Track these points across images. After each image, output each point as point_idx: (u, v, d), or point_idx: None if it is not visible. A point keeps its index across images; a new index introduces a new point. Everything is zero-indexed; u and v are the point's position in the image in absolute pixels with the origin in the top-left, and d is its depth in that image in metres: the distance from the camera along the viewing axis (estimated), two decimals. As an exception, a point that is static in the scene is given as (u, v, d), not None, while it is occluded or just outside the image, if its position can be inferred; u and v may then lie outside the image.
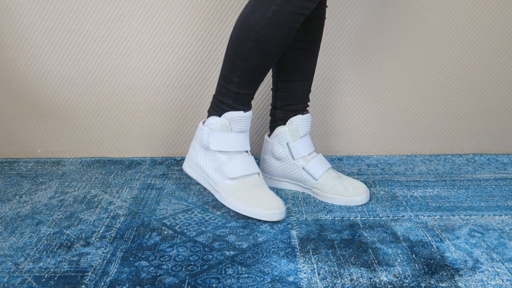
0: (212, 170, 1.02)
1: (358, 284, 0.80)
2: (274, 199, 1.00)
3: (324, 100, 1.34)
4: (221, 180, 1.01)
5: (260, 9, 0.92)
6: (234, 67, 0.97)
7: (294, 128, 1.10)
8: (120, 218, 1.02)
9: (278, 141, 1.12)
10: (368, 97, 1.34)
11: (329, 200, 1.08)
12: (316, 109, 1.34)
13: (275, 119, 1.14)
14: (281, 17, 0.91)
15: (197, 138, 1.05)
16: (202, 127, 1.03)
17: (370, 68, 1.31)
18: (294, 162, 1.11)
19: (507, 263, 0.86)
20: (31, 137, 1.36)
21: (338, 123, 1.36)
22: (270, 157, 1.14)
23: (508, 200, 1.10)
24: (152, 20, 1.26)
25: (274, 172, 1.15)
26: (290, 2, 0.90)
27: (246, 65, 0.96)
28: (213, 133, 1.01)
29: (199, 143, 1.04)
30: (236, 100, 1.00)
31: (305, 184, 1.12)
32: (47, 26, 1.26)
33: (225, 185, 1.01)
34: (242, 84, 0.99)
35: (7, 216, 1.03)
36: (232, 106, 1.00)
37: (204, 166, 1.03)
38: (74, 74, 1.30)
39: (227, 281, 0.81)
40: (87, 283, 0.80)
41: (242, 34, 0.95)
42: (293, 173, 1.12)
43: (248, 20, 0.94)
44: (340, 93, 1.33)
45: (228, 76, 0.99)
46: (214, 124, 1.01)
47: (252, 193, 1.00)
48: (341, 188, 1.08)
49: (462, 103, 1.36)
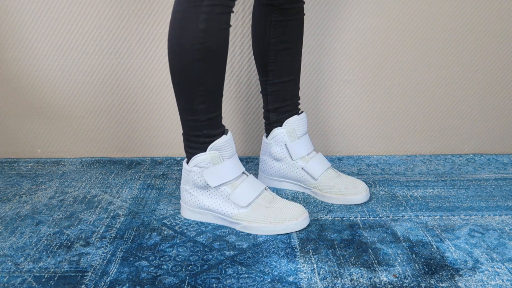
0: (222, 206, 0.98)
1: (358, 284, 0.80)
2: (295, 208, 0.98)
3: (324, 100, 1.34)
4: (236, 211, 0.97)
5: (189, 24, 0.87)
6: (193, 96, 0.92)
7: (292, 129, 1.10)
8: (120, 218, 1.02)
9: (276, 142, 1.11)
10: (368, 97, 1.34)
11: (329, 200, 1.08)
12: (316, 109, 1.34)
13: (270, 121, 1.12)
14: (213, 23, 0.87)
15: (188, 182, 0.99)
16: (191, 169, 0.97)
17: (370, 68, 1.31)
18: (293, 163, 1.11)
19: (507, 263, 0.86)
20: (31, 137, 1.36)
21: (338, 123, 1.36)
22: (269, 158, 1.14)
23: (508, 200, 1.10)
24: (152, 20, 1.26)
25: (274, 172, 1.14)
26: (215, 5, 0.86)
27: (206, 87, 0.91)
28: (207, 170, 0.96)
29: (192, 186, 0.99)
30: (210, 127, 0.95)
31: (305, 184, 1.12)
32: (47, 26, 1.26)
33: (242, 215, 0.97)
34: (210, 108, 0.93)
35: (7, 216, 1.03)
36: (210, 134, 0.95)
37: (210, 205, 0.98)
38: (74, 74, 1.30)
39: (227, 281, 0.81)
40: (87, 283, 0.80)
41: (185, 60, 0.89)
42: (292, 173, 1.12)
43: (182, 43, 0.88)
44: (340, 93, 1.33)
45: (190, 108, 0.93)
46: (204, 161, 0.96)
47: (272, 210, 0.97)
48: (341, 187, 1.08)
49: (462, 103, 1.36)
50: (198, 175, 0.97)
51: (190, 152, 0.97)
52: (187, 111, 0.94)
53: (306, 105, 1.33)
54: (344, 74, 1.32)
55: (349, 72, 1.32)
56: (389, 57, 1.31)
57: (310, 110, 1.34)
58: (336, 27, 1.28)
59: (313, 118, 1.35)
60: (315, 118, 1.35)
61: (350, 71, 1.32)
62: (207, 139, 0.95)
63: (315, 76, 1.32)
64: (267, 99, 1.11)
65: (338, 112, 1.35)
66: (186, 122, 0.96)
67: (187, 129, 0.97)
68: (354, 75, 1.32)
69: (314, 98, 1.33)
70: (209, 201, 0.98)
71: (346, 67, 1.31)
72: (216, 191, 0.98)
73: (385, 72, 1.32)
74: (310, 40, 1.28)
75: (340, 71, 1.32)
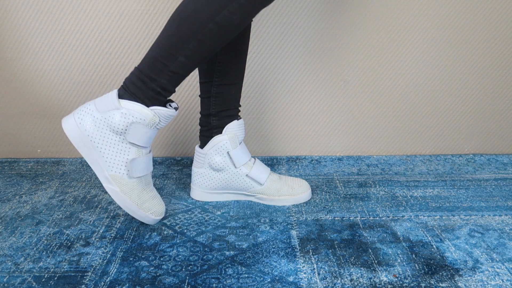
0: (115, 160, 0.93)
1: (358, 284, 0.80)
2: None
3: (324, 100, 1.34)
4: (122, 174, 0.93)
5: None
6: (183, 46, 0.88)
7: (234, 135, 1.05)
8: (120, 218, 1.02)
9: (217, 151, 1.05)
10: (368, 97, 1.34)
11: (279, 203, 1.07)
12: (315, 109, 1.34)
13: (210, 127, 1.06)
14: (252, 5, 0.86)
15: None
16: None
17: (370, 68, 1.31)
18: (237, 171, 1.06)
19: (507, 263, 0.86)
20: (31, 137, 1.36)
21: (338, 123, 1.36)
22: (207, 170, 1.07)
23: (508, 200, 1.10)
24: (152, 20, 1.26)
25: (213, 185, 1.08)
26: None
27: (200, 46, 0.88)
28: (135, 125, 0.91)
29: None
30: (171, 80, 0.90)
31: (249, 192, 1.09)
32: (47, 26, 1.26)
33: (124, 181, 0.94)
34: (186, 65, 0.90)
35: (7, 216, 1.03)
36: (165, 87, 0.90)
37: (104, 150, 0.92)
38: (74, 74, 1.30)
39: (227, 281, 0.81)
40: (87, 283, 0.80)
41: (205, 13, 0.86)
42: (235, 182, 1.08)
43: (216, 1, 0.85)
44: (340, 93, 1.33)
45: (172, 53, 0.88)
46: (140, 116, 0.91)
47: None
48: (287, 188, 1.08)
49: (462, 103, 1.36)
50: (123, 121, 0.91)
51: (131, 90, 0.91)
52: (164, 53, 0.89)
53: (305, 105, 1.34)
54: (344, 74, 1.32)
55: (349, 72, 1.32)
56: (389, 57, 1.31)
57: (310, 110, 1.34)
58: (335, 27, 1.28)
59: (313, 118, 1.35)
60: (315, 118, 1.35)
61: (350, 71, 1.32)
62: (159, 89, 0.91)
63: (315, 76, 1.32)
64: (210, 101, 1.05)
65: (338, 112, 1.35)
66: (153, 60, 0.90)
67: (149, 67, 0.90)
68: (354, 75, 1.32)
69: (313, 98, 1.33)
70: (107, 146, 0.92)
71: (346, 67, 1.31)
72: (122, 145, 0.93)
73: (385, 72, 1.32)
74: (310, 40, 1.28)
75: (340, 71, 1.32)
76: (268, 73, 1.31)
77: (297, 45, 1.29)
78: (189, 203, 1.09)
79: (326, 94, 1.33)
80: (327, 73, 1.32)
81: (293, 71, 1.31)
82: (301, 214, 1.04)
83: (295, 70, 1.31)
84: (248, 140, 1.37)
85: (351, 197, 1.12)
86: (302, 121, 1.36)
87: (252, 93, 1.33)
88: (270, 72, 1.31)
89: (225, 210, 1.05)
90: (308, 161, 1.34)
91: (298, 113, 1.35)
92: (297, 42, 1.28)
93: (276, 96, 1.33)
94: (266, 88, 1.32)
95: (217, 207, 1.07)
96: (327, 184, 1.19)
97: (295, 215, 1.03)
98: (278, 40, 1.28)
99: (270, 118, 1.35)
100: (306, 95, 1.33)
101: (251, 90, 1.32)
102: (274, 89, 1.32)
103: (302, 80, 1.32)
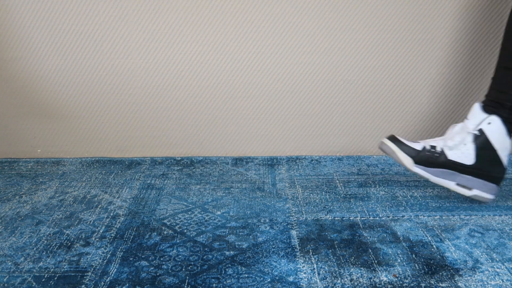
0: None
1: (358, 284, 0.80)
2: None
3: (324, 100, 1.34)
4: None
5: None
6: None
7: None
8: (120, 218, 1.02)
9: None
10: (368, 97, 1.34)
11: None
12: (316, 109, 1.34)
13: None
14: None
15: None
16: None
17: (370, 68, 1.31)
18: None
19: (507, 263, 0.86)
20: (31, 137, 1.36)
21: (338, 123, 1.36)
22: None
23: (508, 200, 1.10)
24: (152, 20, 1.26)
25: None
26: None
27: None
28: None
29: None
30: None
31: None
32: (47, 26, 1.26)
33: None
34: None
35: (7, 216, 1.03)
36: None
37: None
38: (74, 74, 1.30)
39: (227, 281, 0.81)
40: (87, 283, 0.80)
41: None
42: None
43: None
44: (340, 93, 1.33)
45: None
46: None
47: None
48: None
49: (462, 103, 1.36)
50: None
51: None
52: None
53: (305, 105, 1.33)
54: (344, 74, 1.32)
55: (349, 72, 1.32)
56: (389, 57, 1.31)
57: (310, 110, 1.34)
58: (335, 27, 1.28)
59: (313, 118, 1.35)
60: (315, 118, 1.35)
61: (350, 71, 1.32)
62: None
63: (315, 76, 1.32)
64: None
65: (338, 112, 1.35)
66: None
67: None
68: (354, 75, 1.32)
69: (314, 98, 1.33)
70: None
71: (346, 67, 1.31)
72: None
73: (385, 72, 1.32)
74: (310, 39, 1.28)
75: (340, 71, 1.32)
76: (268, 73, 1.31)
77: (297, 45, 1.29)
78: (189, 203, 1.09)
79: (326, 94, 1.33)
80: (327, 73, 1.32)
81: (293, 71, 1.31)
82: (301, 214, 1.04)
83: (295, 70, 1.31)
84: (248, 140, 1.37)
85: (351, 197, 1.12)
86: (302, 121, 1.36)
87: (252, 93, 1.33)
88: (270, 72, 1.31)
89: (225, 210, 1.05)
90: (308, 161, 1.34)
91: (298, 113, 1.35)
92: (297, 42, 1.28)
93: (276, 96, 1.33)
94: (266, 88, 1.32)
95: (217, 207, 1.07)
96: (327, 184, 1.19)
97: (295, 215, 1.03)
98: (279, 40, 1.28)
99: (270, 118, 1.35)
100: (306, 95, 1.33)
101: (251, 90, 1.32)
102: (274, 89, 1.32)
103: (302, 80, 1.32)
